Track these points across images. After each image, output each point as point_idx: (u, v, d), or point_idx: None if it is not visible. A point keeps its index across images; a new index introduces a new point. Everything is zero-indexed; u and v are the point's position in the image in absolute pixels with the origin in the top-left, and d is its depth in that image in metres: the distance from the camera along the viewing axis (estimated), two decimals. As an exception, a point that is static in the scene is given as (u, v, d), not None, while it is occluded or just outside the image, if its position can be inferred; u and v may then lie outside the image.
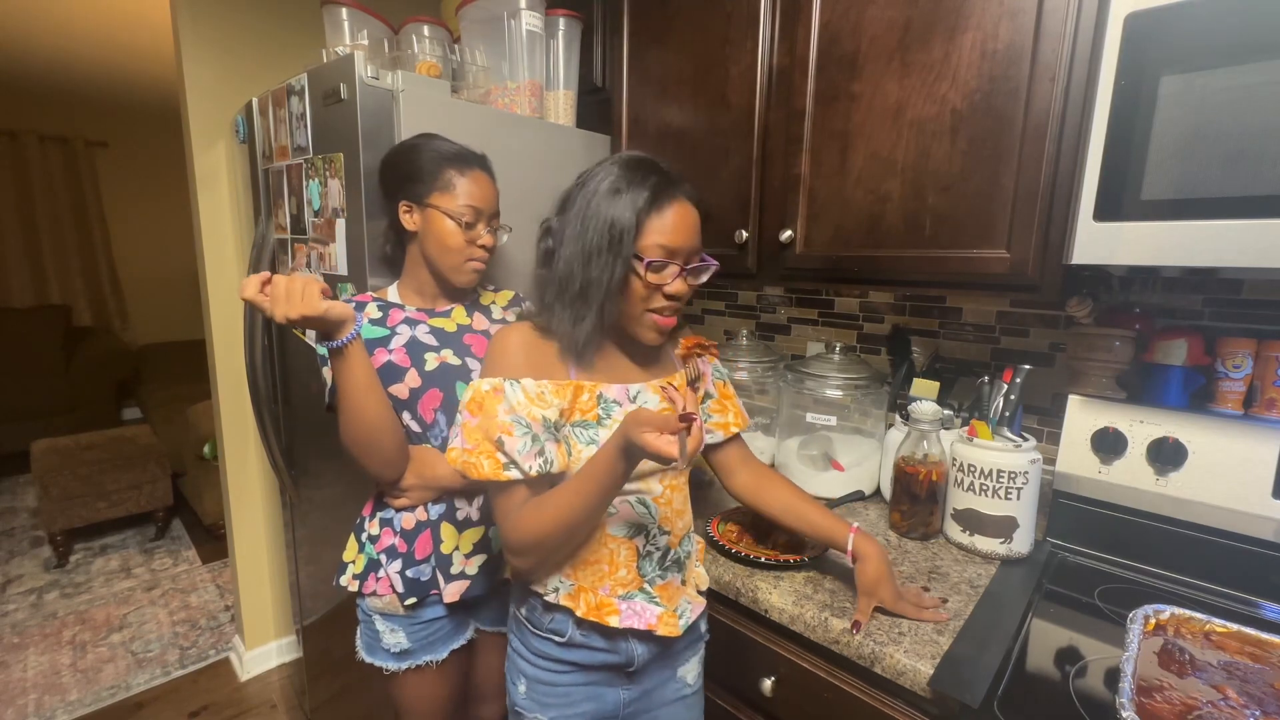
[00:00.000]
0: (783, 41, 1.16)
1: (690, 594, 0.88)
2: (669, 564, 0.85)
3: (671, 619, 0.82)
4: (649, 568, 0.83)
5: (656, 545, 0.83)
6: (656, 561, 0.83)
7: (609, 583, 0.81)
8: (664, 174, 0.77)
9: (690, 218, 0.78)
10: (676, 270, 0.77)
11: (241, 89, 1.73)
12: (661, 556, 0.84)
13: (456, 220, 0.98)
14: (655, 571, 0.83)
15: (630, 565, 0.82)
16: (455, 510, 1.01)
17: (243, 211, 1.79)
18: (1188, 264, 0.75)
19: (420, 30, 1.34)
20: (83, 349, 4.11)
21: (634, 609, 0.81)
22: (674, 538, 0.85)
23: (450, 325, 1.05)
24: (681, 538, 0.87)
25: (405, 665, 1.02)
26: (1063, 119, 0.86)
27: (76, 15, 2.78)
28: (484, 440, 0.75)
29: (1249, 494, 0.89)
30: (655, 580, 0.83)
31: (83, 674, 2.04)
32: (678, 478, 0.86)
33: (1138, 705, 0.62)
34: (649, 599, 0.82)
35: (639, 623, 0.80)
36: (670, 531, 0.84)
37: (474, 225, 1.00)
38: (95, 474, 2.74)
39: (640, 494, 0.82)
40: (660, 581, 0.84)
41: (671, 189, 0.77)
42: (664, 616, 0.82)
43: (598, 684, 0.84)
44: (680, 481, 0.87)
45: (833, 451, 1.33)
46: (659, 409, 0.81)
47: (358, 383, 0.88)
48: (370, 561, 1.01)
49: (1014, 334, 1.24)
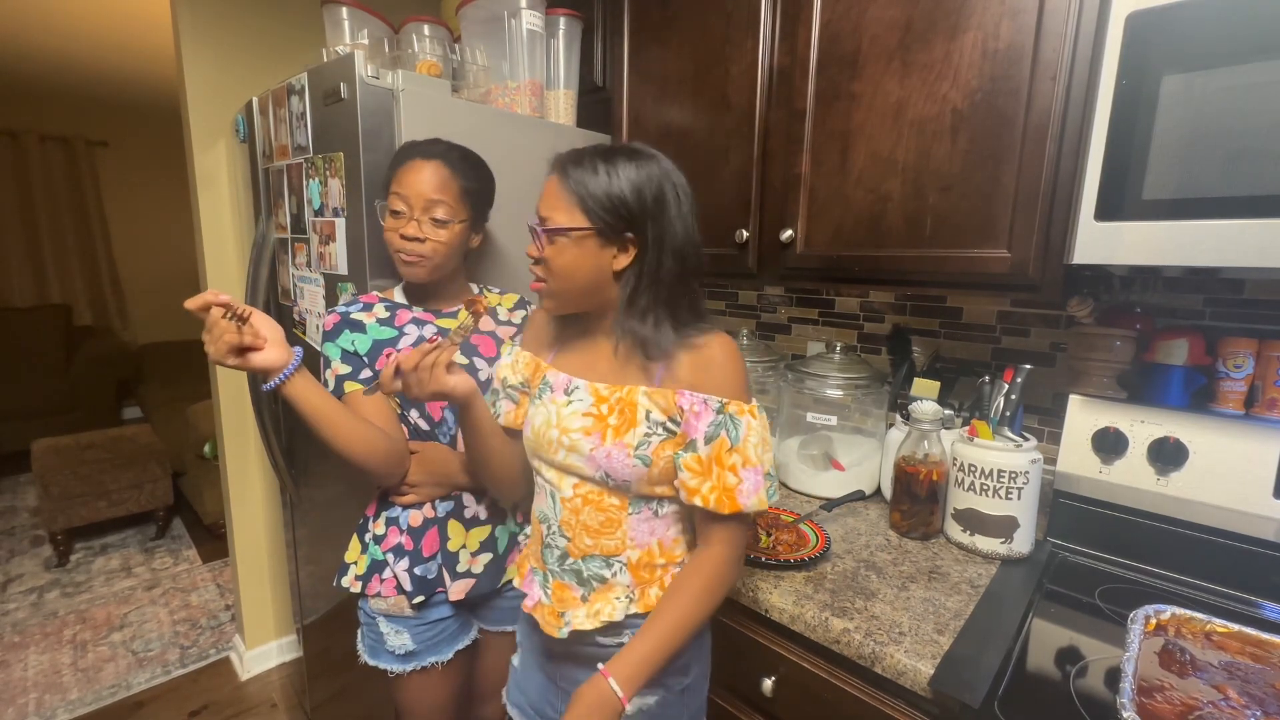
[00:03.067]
0: (783, 41, 1.16)
1: (582, 614, 0.80)
2: (567, 569, 0.82)
3: (553, 619, 0.82)
4: (550, 559, 0.84)
5: (555, 543, 0.83)
6: (556, 559, 0.83)
7: (530, 550, 0.90)
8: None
9: (548, 188, 0.79)
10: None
11: (242, 88, 1.73)
12: (560, 557, 0.83)
13: (389, 212, 0.98)
14: (555, 566, 0.84)
15: (537, 544, 0.87)
16: (463, 508, 1.02)
17: (243, 211, 1.79)
18: (1189, 264, 0.75)
19: (420, 30, 1.34)
20: (83, 348, 4.11)
21: (531, 583, 0.87)
22: (574, 547, 0.81)
23: (456, 326, 1.05)
24: (585, 554, 0.81)
25: (410, 667, 1.01)
26: (1064, 119, 0.86)
27: (76, 15, 2.78)
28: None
29: (1250, 494, 0.89)
30: (554, 574, 0.84)
31: (83, 673, 2.04)
32: (595, 494, 0.80)
33: (1138, 705, 0.62)
34: (543, 584, 0.85)
35: (529, 597, 0.86)
36: (570, 539, 0.81)
37: (399, 215, 0.97)
38: (96, 473, 2.74)
39: (552, 487, 0.83)
40: (558, 579, 0.83)
41: None
42: (545, 609, 0.83)
43: (534, 627, 0.89)
44: (606, 503, 0.79)
45: (833, 451, 1.33)
46: (573, 400, 0.83)
47: (316, 409, 0.87)
48: (375, 562, 1.01)
49: (1015, 334, 1.24)
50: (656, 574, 0.82)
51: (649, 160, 0.77)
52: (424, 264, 0.99)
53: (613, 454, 0.76)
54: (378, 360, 0.98)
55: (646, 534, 0.81)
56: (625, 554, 0.81)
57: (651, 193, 0.75)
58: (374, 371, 0.98)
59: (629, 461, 0.76)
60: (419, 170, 0.96)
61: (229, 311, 0.76)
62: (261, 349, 0.81)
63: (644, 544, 0.81)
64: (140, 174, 4.60)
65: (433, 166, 0.97)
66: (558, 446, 0.80)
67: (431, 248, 0.98)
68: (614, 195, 0.74)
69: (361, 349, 0.98)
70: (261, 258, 1.48)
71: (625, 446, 0.76)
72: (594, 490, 0.80)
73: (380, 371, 0.73)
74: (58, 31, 2.99)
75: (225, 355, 0.78)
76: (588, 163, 0.76)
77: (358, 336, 0.99)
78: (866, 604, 0.89)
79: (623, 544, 0.80)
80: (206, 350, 0.78)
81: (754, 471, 0.75)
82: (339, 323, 1.00)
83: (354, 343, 0.98)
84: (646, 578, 0.81)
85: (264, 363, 0.81)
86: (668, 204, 0.76)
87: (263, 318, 0.81)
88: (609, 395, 0.79)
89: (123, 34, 2.99)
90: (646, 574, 0.81)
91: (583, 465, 0.79)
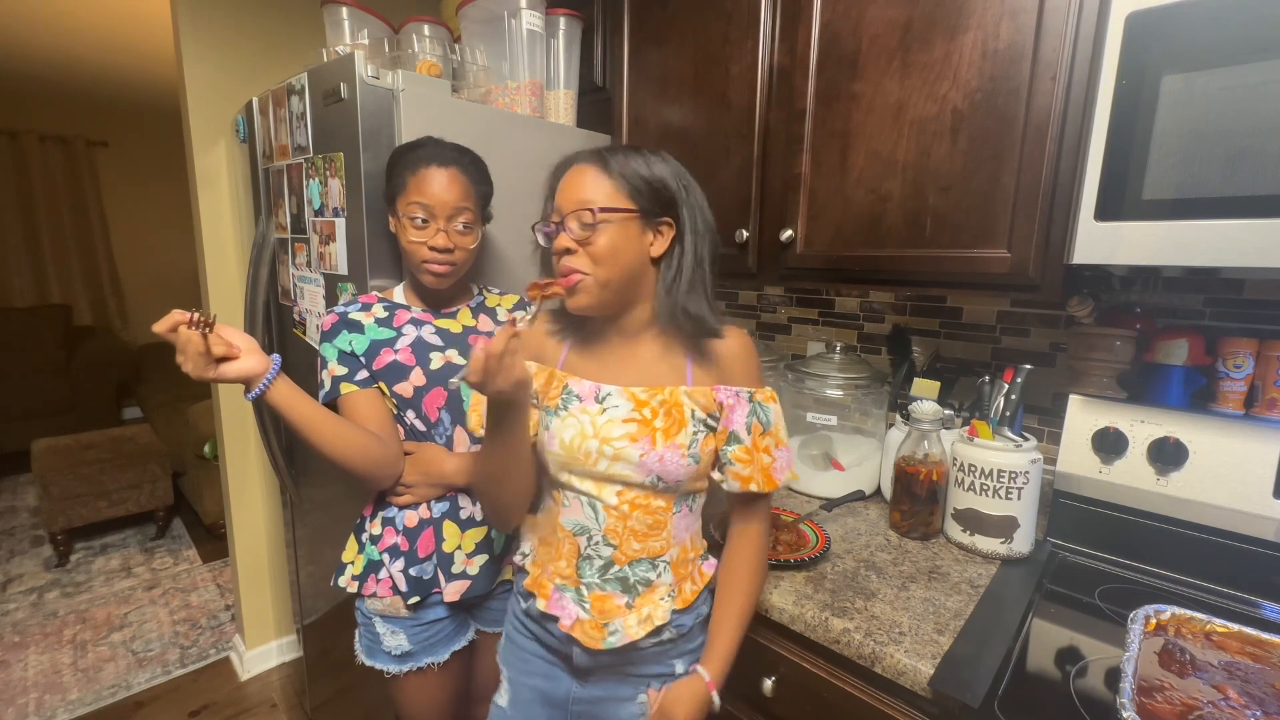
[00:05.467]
0: (783, 41, 1.16)
1: (630, 622, 0.80)
2: (610, 578, 0.81)
3: (595, 631, 0.79)
4: (588, 571, 0.81)
5: (598, 553, 0.81)
6: (597, 570, 0.81)
7: (553, 567, 0.84)
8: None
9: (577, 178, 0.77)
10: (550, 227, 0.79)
11: (242, 88, 1.73)
12: (604, 567, 0.81)
13: (409, 221, 0.96)
14: (594, 578, 0.81)
15: (571, 560, 0.82)
16: (459, 509, 1.02)
17: (243, 211, 1.79)
18: (1189, 264, 0.75)
19: (420, 30, 1.34)
20: (83, 348, 4.11)
21: (561, 602, 0.82)
22: (621, 554, 0.80)
23: (456, 326, 1.05)
24: (632, 559, 0.81)
25: (406, 668, 1.01)
26: (1064, 118, 0.86)
27: (77, 15, 2.78)
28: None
29: (1250, 494, 0.89)
30: (593, 587, 0.81)
31: (83, 673, 2.04)
32: (643, 498, 0.80)
33: (1138, 705, 0.62)
34: (578, 600, 0.81)
35: (564, 617, 0.81)
36: (617, 546, 0.80)
37: (426, 224, 0.96)
38: (96, 473, 2.74)
39: (591, 498, 0.81)
40: (597, 590, 0.81)
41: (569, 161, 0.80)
42: (586, 624, 0.80)
43: (551, 664, 0.87)
44: (654, 505, 0.80)
45: (833, 451, 1.33)
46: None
47: (302, 416, 0.87)
48: (371, 563, 1.01)
49: (1015, 334, 1.24)
50: (689, 569, 0.85)
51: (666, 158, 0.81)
52: (454, 273, 1.00)
53: (666, 456, 0.77)
54: (375, 360, 0.98)
55: (684, 530, 0.84)
56: (669, 553, 0.83)
57: (684, 180, 0.80)
58: (371, 372, 0.98)
59: (683, 462, 0.78)
60: (438, 178, 0.95)
61: (194, 321, 0.76)
62: (237, 357, 0.81)
63: (681, 540, 0.84)
64: (140, 174, 4.60)
65: (451, 174, 0.96)
66: (599, 457, 0.78)
67: (461, 256, 0.99)
68: (655, 179, 0.77)
69: (359, 349, 0.98)
70: (261, 258, 1.48)
71: (679, 448, 0.78)
72: (641, 495, 0.80)
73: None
74: (58, 31, 2.99)
75: (203, 368, 0.78)
76: (623, 152, 0.78)
77: (355, 337, 0.99)
78: (866, 604, 0.89)
79: (667, 543, 0.82)
80: (184, 369, 0.77)
81: (785, 450, 0.83)
82: (337, 323, 1.00)
83: (351, 343, 0.98)
84: (683, 574, 0.84)
85: (241, 372, 0.81)
86: (695, 191, 0.81)
87: (232, 329, 0.81)
88: (649, 399, 0.79)
89: (123, 34, 2.99)
90: (683, 570, 0.84)
91: (630, 472, 0.78)
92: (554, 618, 0.82)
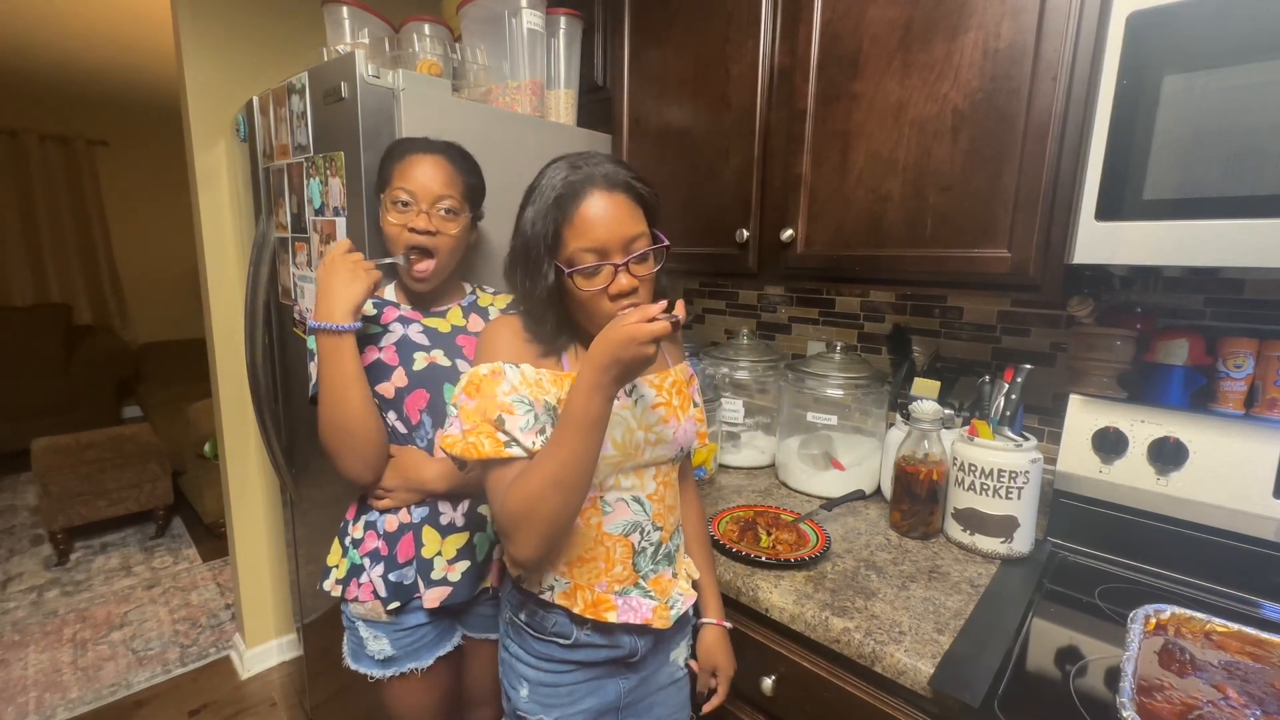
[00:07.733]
0: (784, 41, 1.16)
1: (681, 586, 0.89)
2: (660, 558, 0.86)
3: (664, 611, 0.84)
4: (644, 563, 0.84)
5: (650, 541, 0.84)
6: (650, 557, 0.84)
7: (606, 579, 0.81)
8: (575, 169, 0.72)
9: (610, 208, 0.70)
10: (611, 270, 0.71)
11: (242, 87, 1.73)
12: (654, 551, 0.85)
13: (392, 205, 0.96)
14: (649, 566, 0.84)
15: (626, 562, 0.82)
16: (439, 515, 0.99)
17: (243, 210, 1.79)
18: (1189, 264, 0.75)
19: (421, 29, 1.34)
20: (83, 348, 4.11)
21: (630, 604, 0.82)
22: (665, 533, 0.86)
23: (444, 325, 1.03)
24: (673, 532, 0.88)
25: (390, 672, 1.00)
26: (1064, 118, 0.86)
27: (76, 14, 2.78)
28: (483, 421, 0.72)
29: (1250, 494, 0.89)
30: (649, 575, 0.84)
31: (83, 672, 2.04)
32: (668, 473, 0.86)
33: (1138, 705, 0.62)
34: (644, 594, 0.83)
35: (635, 618, 0.81)
36: (663, 528, 0.85)
37: (408, 207, 0.96)
38: (95, 472, 2.74)
39: (635, 492, 0.82)
40: (653, 575, 0.85)
41: (583, 186, 0.71)
42: (658, 610, 0.83)
43: (600, 678, 0.85)
44: (672, 478, 0.88)
45: (833, 451, 1.33)
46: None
47: (346, 372, 0.89)
48: (353, 567, 0.99)
49: (1015, 333, 1.24)
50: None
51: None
52: (437, 271, 0.99)
53: (685, 428, 0.87)
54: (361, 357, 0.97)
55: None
56: (679, 516, 0.92)
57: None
58: None
59: (695, 428, 0.90)
60: (422, 164, 0.96)
61: None
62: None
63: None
64: (140, 174, 4.59)
65: (436, 161, 0.97)
66: (645, 446, 0.82)
67: (443, 240, 0.97)
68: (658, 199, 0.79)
69: None
70: (262, 257, 1.48)
71: (692, 418, 0.89)
72: (668, 471, 0.87)
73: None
74: (58, 31, 2.99)
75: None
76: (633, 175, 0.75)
77: None
78: (866, 603, 0.89)
79: (678, 508, 0.91)
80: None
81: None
82: None
83: None
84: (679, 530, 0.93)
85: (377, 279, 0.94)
86: None
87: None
88: (662, 383, 0.86)
89: (123, 33, 2.99)
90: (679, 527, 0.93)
91: (666, 451, 0.84)
92: (626, 625, 0.81)
